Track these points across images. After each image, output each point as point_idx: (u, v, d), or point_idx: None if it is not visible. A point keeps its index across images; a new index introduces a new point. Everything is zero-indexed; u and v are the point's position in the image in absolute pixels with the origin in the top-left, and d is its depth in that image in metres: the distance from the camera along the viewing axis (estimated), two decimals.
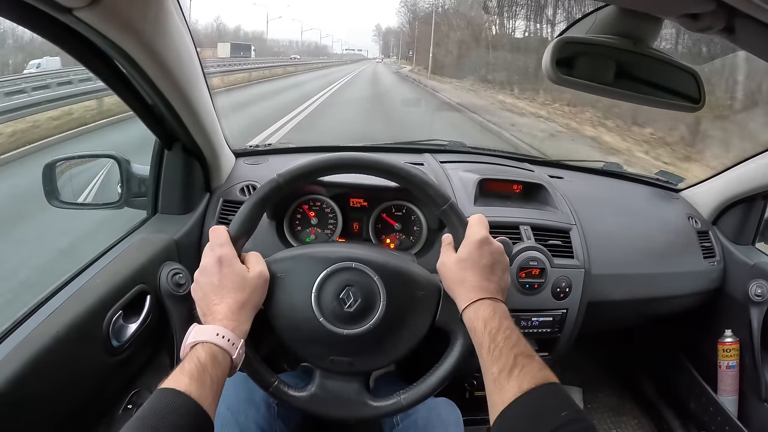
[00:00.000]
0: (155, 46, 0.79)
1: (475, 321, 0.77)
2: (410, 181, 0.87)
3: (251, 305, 0.79)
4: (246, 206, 0.84)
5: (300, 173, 0.86)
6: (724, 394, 1.51)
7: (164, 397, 0.63)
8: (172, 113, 0.98)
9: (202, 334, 0.72)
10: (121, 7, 0.67)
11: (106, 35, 0.69)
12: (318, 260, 0.85)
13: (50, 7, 0.60)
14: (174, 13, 0.83)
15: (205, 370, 0.67)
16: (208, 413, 0.64)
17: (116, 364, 0.91)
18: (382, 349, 0.86)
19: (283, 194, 0.88)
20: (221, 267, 0.78)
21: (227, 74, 18.17)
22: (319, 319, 0.82)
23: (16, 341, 0.76)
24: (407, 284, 0.86)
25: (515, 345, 0.72)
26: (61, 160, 1.23)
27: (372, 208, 1.27)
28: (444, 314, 0.86)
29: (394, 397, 0.86)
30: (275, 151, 1.56)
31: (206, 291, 0.78)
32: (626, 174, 1.75)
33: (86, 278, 0.93)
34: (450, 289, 0.84)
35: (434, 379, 0.86)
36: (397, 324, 0.85)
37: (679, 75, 0.79)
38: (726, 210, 1.56)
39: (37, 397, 0.75)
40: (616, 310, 1.42)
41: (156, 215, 1.22)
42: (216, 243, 0.81)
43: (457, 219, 0.87)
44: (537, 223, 1.29)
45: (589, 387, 1.91)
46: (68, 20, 0.64)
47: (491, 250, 0.83)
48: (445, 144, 1.71)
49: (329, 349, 0.85)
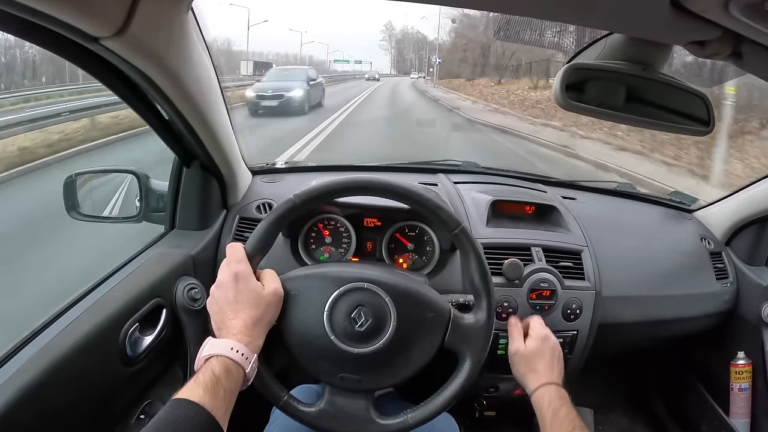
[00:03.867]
0: (178, 72, 0.82)
1: (541, 400, 0.95)
2: (423, 204, 0.89)
3: (265, 321, 0.81)
4: (262, 225, 0.87)
5: (316, 194, 0.88)
6: (736, 417, 1.49)
7: (179, 408, 0.65)
8: (191, 133, 1.01)
9: (217, 347, 0.74)
10: (146, 36, 0.70)
11: (131, 62, 0.72)
12: (331, 280, 0.87)
13: (78, 36, 0.63)
14: (196, 39, 0.86)
15: (219, 383, 0.69)
16: (220, 424, 0.66)
17: (131, 375, 0.93)
18: (392, 368, 0.87)
19: (299, 214, 0.90)
20: (237, 283, 0.80)
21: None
22: (330, 337, 0.84)
23: (35, 349, 0.78)
24: (417, 305, 0.87)
25: (573, 419, 0.89)
26: (82, 174, 1.26)
27: (385, 227, 1.29)
28: (453, 336, 0.88)
29: (402, 416, 0.87)
30: (292, 169, 1.58)
31: (222, 306, 0.80)
32: (639, 194, 1.75)
33: (104, 290, 0.96)
34: (523, 376, 1.02)
35: (441, 399, 0.88)
36: (407, 344, 0.86)
37: (688, 99, 0.81)
38: (739, 231, 1.55)
39: (54, 403, 0.77)
40: (628, 332, 1.41)
41: (173, 230, 1.24)
42: (233, 259, 0.83)
43: (468, 243, 0.89)
44: (548, 245, 1.29)
45: (601, 408, 1.89)
46: (95, 48, 0.67)
47: (552, 344, 1.05)
48: (459, 164, 1.72)
49: (339, 367, 0.86)
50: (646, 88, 0.78)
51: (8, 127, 6.88)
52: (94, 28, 0.62)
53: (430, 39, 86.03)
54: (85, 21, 0.60)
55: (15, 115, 7.97)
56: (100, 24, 0.62)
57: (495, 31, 25.24)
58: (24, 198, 5.09)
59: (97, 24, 0.62)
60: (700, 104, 0.81)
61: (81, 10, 0.58)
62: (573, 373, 1.34)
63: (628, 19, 0.63)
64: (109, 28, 0.63)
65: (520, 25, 1.44)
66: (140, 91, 0.86)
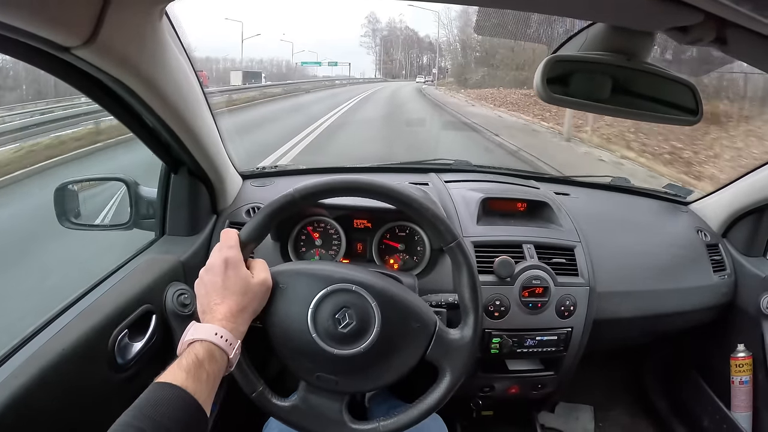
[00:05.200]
0: (154, 78, 0.81)
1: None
2: (421, 213, 0.88)
3: (251, 310, 0.81)
4: (260, 214, 0.87)
5: (316, 190, 0.88)
6: (737, 410, 1.48)
7: (161, 390, 0.64)
8: (175, 140, 1.00)
9: (201, 332, 0.73)
10: (118, 44, 0.69)
11: (105, 70, 0.72)
12: (320, 278, 0.86)
13: (49, 46, 0.62)
14: (172, 45, 0.85)
15: (202, 367, 0.68)
16: (203, 408, 0.66)
17: (121, 382, 0.92)
18: (369, 373, 0.86)
19: (296, 209, 0.90)
20: (227, 269, 0.80)
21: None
22: (312, 334, 0.83)
23: (24, 357, 0.77)
24: (403, 314, 0.86)
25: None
26: (72, 182, 1.25)
27: (375, 229, 1.28)
28: (436, 349, 0.87)
29: (374, 423, 0.86)
30: (282, 173, 1.58)
31: (209, 289, 0.80)
32: (634, 188, 1.73)
33: (93, 298, 0.95)
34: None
35: (416, 412, 0.86)
36: (388, 351, 0.85)
37: (675, 88, 0.79)
38: (736, 222, 1.54)
39: (42, 411, 0.77)
40: (624, 328, 1.40)
41: (164, 237, 1.24)
42: (225, 244, 0.83)
43: (463, 258, 0.88)
44: (540, 242, 1.28)
45: (601, 405, 1.89)
46: (68, 58, 0.66)
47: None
48: (450, 163, 1.71)
49: (317, 365, 0.85)
50: (631, 78, 0.77)
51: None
52: (63, 38, 0.61)
53: (422, 35, 76.09)
54: (54, 31, 0.60)
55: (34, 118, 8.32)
56: (69, 33, 0.61)
57: (475, 27, 24.36)
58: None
59: (66, 33, 0.61)
60: (687, 93, 0.80)
61: (49, 21, 0.58)
62: (570, 370, 1.34)
63: (607, 7, 0.62)
64: (79, 37, 0.62)
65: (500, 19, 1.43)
66: (121, 98, 0.85)
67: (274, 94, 22.93)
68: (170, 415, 0.62)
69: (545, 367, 1.33)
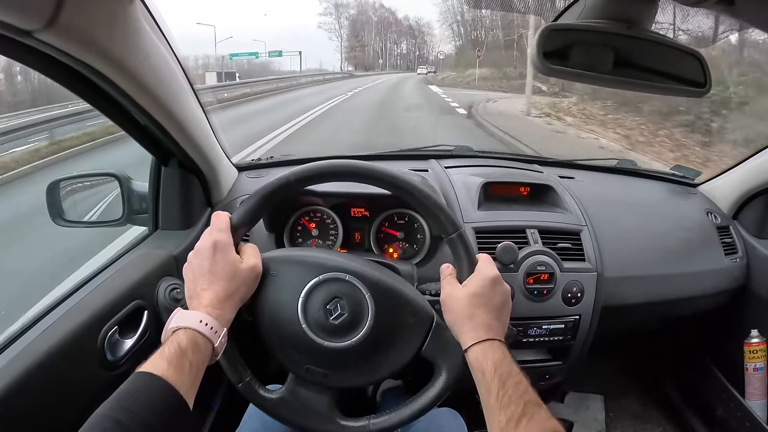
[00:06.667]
0: (128, 63, 0.78)
1: (483, 362, 0.72)
2: (422, 202, 0.84)
3: (239, 296, 0.77)
4: (252, 197, 0.82)
5: (312, 173, 0.83)
6: (752, 398, 1.44)
7: (141, 381, 0.62)
8: (160, 129, 0.97)
9: (185, 319, 0.70)
10: (83, 26, 0.66)
11: (72, 55, 0.68)
12: (312, 266, 0.83)
13: (8, 30, 0.59)
14: (147, 29, 0.81)
15: (185, 356, 0.66)
16: (185, 399, 0.63)
17: (111, 380, 0.89)
18: (361, 368, 0.83)
19: (291, 193, 0.86)
20: (215, 252, 0.77)
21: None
22: (301, 324, 0.79)
23: (8, 357, 0.76)
24: (399, 307, 0.82)
25: (524, 392, 0.69)
26: (64, 179, 1.23)
27: (373, 217, 1.25)
28: (432, 346, 0.82)
29: (364, 420, 0.83)
30: (278, 163, 1.55)
31: (196, 274, 0.77)
32: (640, 171, 1.70)
33: (82, 295, 0.94)
34: (455, 323, 0.79)
35: (408, 411, 0.82)
36: (381, 346, 0.82)
37: (681, 58, 0.75)
38: (746, 203, 1.50)
39: (29, 412, 0.75)
40: (634, 314, 1.37)
41: (157, 231, 1.22)
42: (215, 227, 0.80)
43: (464, 250, 0.83)
44: (544, 226, 1.25)
45: (611, 394, 1.86)
46: (31, 42, 0.63)
47: (503, 290, 0.80)
48: (451, 149, 1.68)
49: (306, 358, 0.82)
50: (635, 48, 0.73)
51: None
52: (21, 21, 0.58)
53: (401, 16, 59.55)
54: (11, 13, 0.56)
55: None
56: (28, 16, 0.58)
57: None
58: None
59: (25, 16, 0.58)
60: (694, 63, 0.76)
61: (4, 2, 0.55)
62: (578, 359, 1.30)
63: None
64: (39, 19, 0.59)
65: None
66: (98, 87, 0.82)
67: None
68: (149, 406, 0.59)
69: (553, 357, 1.30)
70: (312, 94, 20.25)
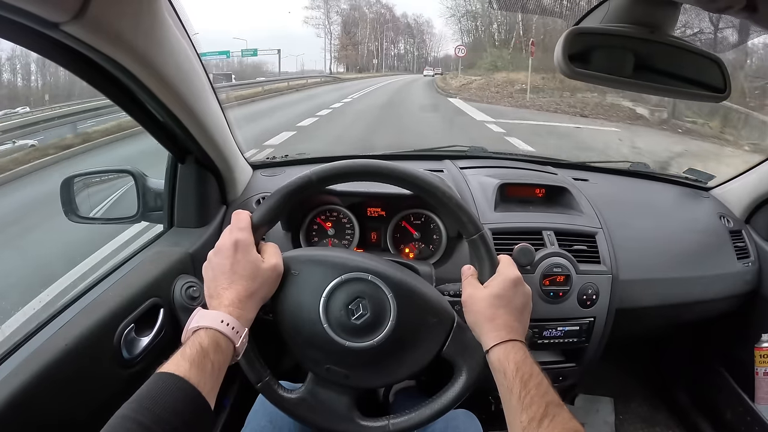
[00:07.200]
0: (152, 58, 0.78)
1: (505, 363, 0.73)
2: (445, 203, 0.84)
3: (260, 296, 0.77)
4: (274, 196, 0.82)
5: (334, 173, 0.83)
6: (762, 402, 1.43)
7: (162, 381, 0.61)
8: (179, 126, 0.97)
9: (206, 319, 0.70)
10: (110, 19, 0.66)
11: (97, 48, 0.68)
12: (334, 265, 0.83)
13: (36, 22, 0.59)
14: (171, 25, 0.81)
15: (207, 356, 0.65)
16: (207, 400, 0.63)
17: (128, 377, 0.90)
18: (382, 368, 0.83)
19: (312, 193, 0.86)
20: (236, 252, 0.76)
21: None
22: (323, 324, 0.79)
23: (26, 354, 0.76)
24: (421, 308, 0.82)
25: (546, 393, 0.70)
26: (78, 176, 1.23)
27: (390, 217, 1.25)
28: (453, 346, 0.82)
29: (383, 420, 0.83)
30: (293, 162, 1.55)
31: (216, 273, 0.76)
32: (654, 174, 1.70)
33: (99, 292, 0.93)
34: (476, 324, 0.79)
35: (428, 412, 0.82)
36: (402, 346, 0.81)
37: (701, 63, 0.76)
38: (759, 207, 1.51)
39: (45, 409, 0.75)
40: (647, 317, 1.37)
41: (172, 229, 1.21)
42: (236, 226, 0.79)
43: (485, 251, 0.83)
44: (561, 228, 1.25)
45: (621, 397, 1.86)
46: (57, 35, 0.63)
47: (524, 291, 0.81)
48: (465, 150, 1.68)
49: (327, 358, 0.82)
50: (656, 53, 0.74)
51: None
52: (50, 13, 0.58)
53: (399, 13, 53.06)
54: (40, 5, 0.56)
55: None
56: (57, 7, 0.58)
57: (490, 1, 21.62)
58: None
59: (53, 8, 0.58)
60: (714, 68, 0.77)
61: None
62: (592, 361, 1.30)
63: None
64: (67, 11, 0.58)
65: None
66: (119, 81, 0.81)
67: None
68: (171, 408, 0.59)
69: (567, 359, 1.30)
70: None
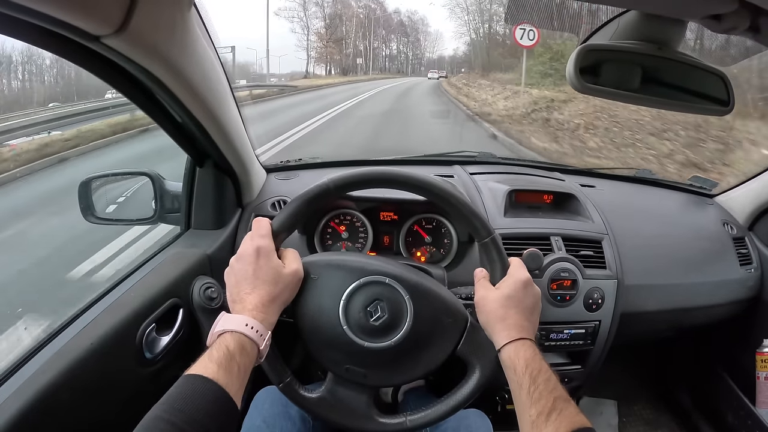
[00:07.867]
0: (182, 68, 0.80)
1: (515, 360, 0.77)
2: (459, 209, 0.87)
3: (281, 300, 0.79)
4: (293, 203, 0.85)
5: (351, 181, 0.86)
6: (763, 407, 1.45)
7: (192, 383, 0.64)
8: (202, 132, 1.00)
9: (231, 323, 0.72)
10: (148, 32, 0.68)
11: (134, 60, 0.71)
12: (352, 270, 0.85)
13: (79, 35, 0.61)
14: (200, 35, 0.84)
15: (233, 359, 0.67)
16: (234, 401, 0.65)
17: (148, 376, 0.93)
18: (399, 367, 0.86)
19: (329, 199, 0.89)
20: (258, 258, 0.79)
21: None
22: (343, 326, 0.82)
23: (51, 352, 0.78)
24: (436, 309, 0.85)
25: (554, 388, 0.73)
26: (96, 178, 1.25)
27: (402, 221, 1.28)
28: (466, 345, 0.85)
29: (401, 417, 0.86)
30: (306, 166, 1.57)
31: (239, 279, 0.79)
32: (659, 180, 1.73)
33: (120, 292, 0.96)
34: (488, 323, 0.83)
35: (444, 407, 0.85)
36: (419, 346, 0.84)
37: (706, 78, 0.78)
38: (762, 214, 1.53)
39: (70, 407, 0.77)
40: (651, 321, 1.39)
41: (189, 230, 1.24)
42: (257, 233, 0.82)
43: (497, 254, 0.87)
44: (568, 234, 1.27)
45: (624, 400, 1.88)
46: (97, 47, 0.65)
47: (534, 292, 0.85)
48: (474, 155, 1.70)
49: (347, 358, 0.84)
50: (662, 68, 0.76)
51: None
52: (94, 27, 0.61)
53: (391, 9, 47.79)
54: (85, 19, 0.59)
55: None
56: (100, 22, 0.60)
57: (504, 15, 21.54)
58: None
59: (97, 22, 0.60)
60: (718, 83, 0.79)
61: (80, 9, 0.57)
62: (597, 364, 1.32)
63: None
64: (110, 25, 0.61)
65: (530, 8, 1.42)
66: (148, 90, 0.85)
67: None
68: (204, 409, 0.61)
69: (572, 361, 1.33)
70: None
